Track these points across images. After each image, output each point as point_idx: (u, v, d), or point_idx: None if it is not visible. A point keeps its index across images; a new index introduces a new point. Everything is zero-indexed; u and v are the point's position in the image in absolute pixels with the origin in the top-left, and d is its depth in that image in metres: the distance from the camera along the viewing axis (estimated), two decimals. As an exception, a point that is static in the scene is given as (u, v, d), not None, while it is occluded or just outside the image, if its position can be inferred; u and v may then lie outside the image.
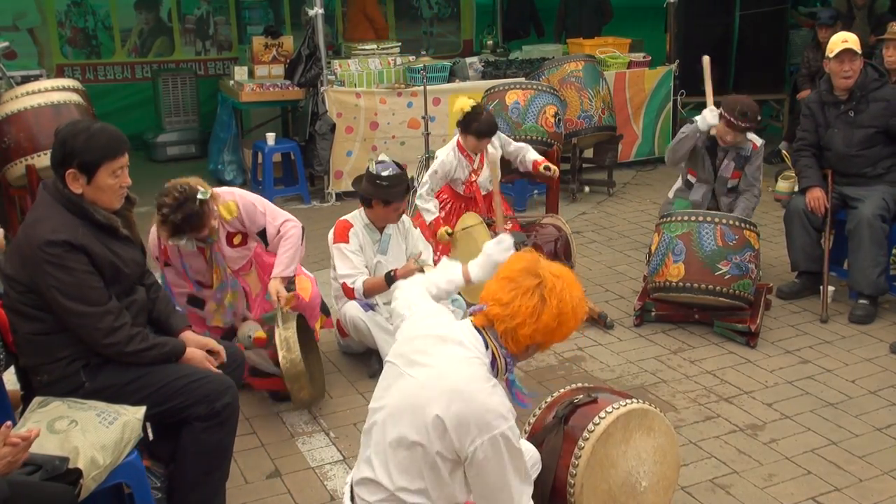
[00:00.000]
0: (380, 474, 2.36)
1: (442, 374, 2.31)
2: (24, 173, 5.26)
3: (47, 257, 2.73)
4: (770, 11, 8.90)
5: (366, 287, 4.24)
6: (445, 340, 2.39)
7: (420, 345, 2.41)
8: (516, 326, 2.32)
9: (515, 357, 2.42)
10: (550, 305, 2.31)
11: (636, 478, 2.81)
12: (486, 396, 2.26)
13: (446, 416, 2.24)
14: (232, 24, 9.43)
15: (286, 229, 3.92)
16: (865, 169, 5.05)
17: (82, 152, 2.79)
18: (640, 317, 4.91)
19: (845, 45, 4.93)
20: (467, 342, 2.37)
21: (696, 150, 5.20)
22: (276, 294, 3.83)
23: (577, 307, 2.38)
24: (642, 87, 8.15)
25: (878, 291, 4.92)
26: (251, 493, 3.41)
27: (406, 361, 2.40)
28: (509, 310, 2.32)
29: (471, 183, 5.25)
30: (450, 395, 2.25)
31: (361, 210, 4.39)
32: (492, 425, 2.23)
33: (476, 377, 2.29)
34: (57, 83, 5.56)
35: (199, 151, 8.81)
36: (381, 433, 2.38)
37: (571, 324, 2.36)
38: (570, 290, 2.37)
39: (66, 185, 2.82)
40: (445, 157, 5.20)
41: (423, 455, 2.29)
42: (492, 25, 10.12)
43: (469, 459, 2.26)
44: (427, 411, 2.26)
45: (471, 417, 2.23)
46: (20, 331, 2.88)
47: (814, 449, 3.68)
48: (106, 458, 2.61)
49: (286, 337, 3.75)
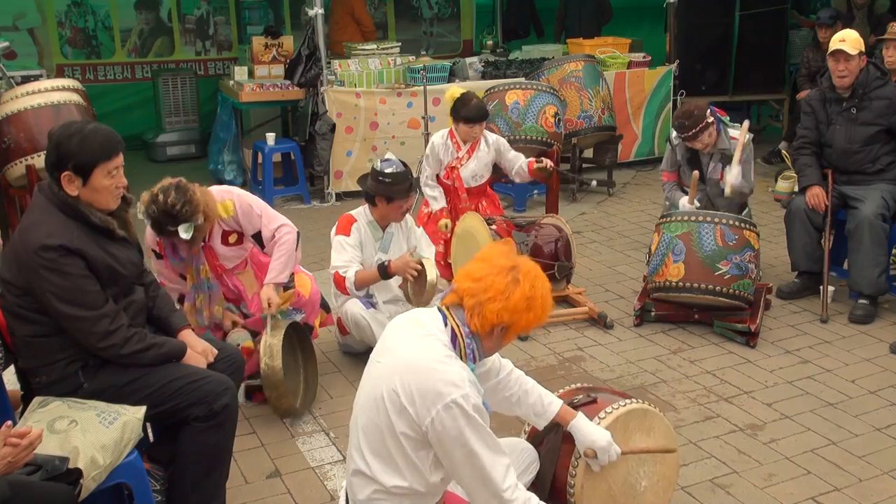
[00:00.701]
0: (358, 461, 2.46)
1: (398, 354, 2.41)
2: (24, 173, 5.26)
3: (42, 262, 2.73)
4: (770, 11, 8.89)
5: (358, 278, 4.22)
6: (407, 324, 2.50)
7: (389, 335, 2.53)
8: (485, 301, 2.36)
9: (477, 337, 2.43)
10: (523, 287, 2.37)
11: (636, 478, 2.81)
12: (436, 365, 2.32)
13: (401, 391, 2.32)
14: (232, 24, 9.44)
15: (281, 234, 3.90)
16: (865, 165, 5.06)
17: (77, 154, 2.78)
18: (640, 317, 4.91)
19: (840, 44, 4.95)
20: (425, 321, 2.46)
21: (678, 166, 5.24)
22: (266, 301, 3.82)
23: (546, 299, 2.43)
24: (642, 87, 8.15)
25: (878, 291, 4.92)
26: (251, 493, 3.41)
27: (377, 353, 2.53)
28: (481, 285, 2.38)
29: (451, 168, 5.35)
30: (402, 370, 2.34)
31: (366, 207, 4.40)
32: (443, 393, 2.28)
33: (429, 350, 2.36)
34: (57, 83, 5.56)
35: (199, 151, 8.82)
36: (355, 423, 2.50)
37: (539, 312, 2.41)
38: (542, 281, 2.44)
39: (61, 188, 2.81)
40: (435, 139, 5.41)
41: (389, 434, 2.37)
42: (492, 25, 10.13)
43: (430, 434, 2.31)
44: (385, 388, 2.36)
45: (423, 388, 2.30)
46: (18, 333, 2.88)
47: (814, 449, 3.67)
48: (106, 458, 2.61)
49: (271, 344, 3.74)
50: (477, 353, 2.45)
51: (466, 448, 2.31)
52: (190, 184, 3.69)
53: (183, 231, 3.62)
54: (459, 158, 5.33)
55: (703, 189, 5.21)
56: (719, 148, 5.08)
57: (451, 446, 2.31)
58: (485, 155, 5.38)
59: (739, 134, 5.01)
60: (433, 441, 2.33)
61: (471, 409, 2.30)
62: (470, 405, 2.29)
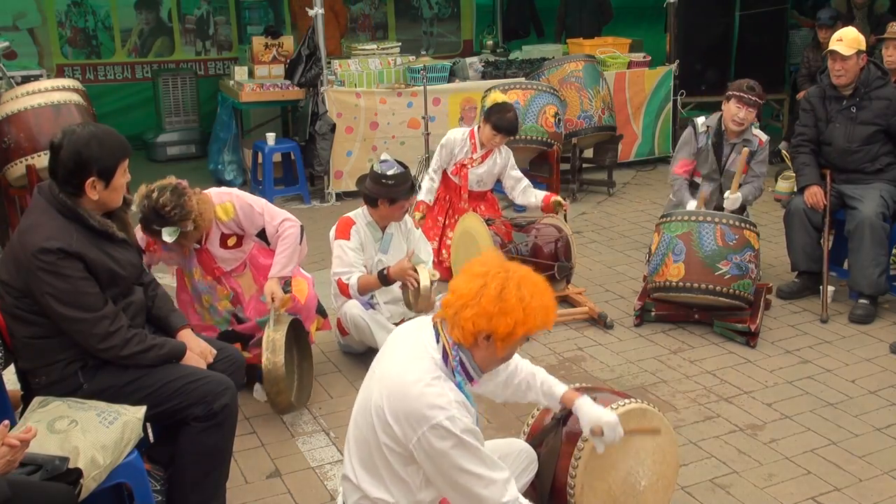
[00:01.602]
0: (348, 470, 2.49)
1: (389, 370, 2.41)
2: (24, 173, 5.26)
3: (41, 264, 2.73)
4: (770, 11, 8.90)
5: (360, 284, 4.24)
6: (406, 339, 2.49)
7: (389, 346, 2.53)
8: (459, 308, 2.35)
9: (466, 350, 2.39)
10: (489, 288, 2.32)
11: (636, 477, 2.81)
12: (421, 388, 2.29)
13: (387, 409, 2.32)
14: (232, 24, 9.43)
15: (284, 228, 3.92)
16: (864, 164, 5.06)
17: (100, 158, 2.80)
18: (640, 317, 4.91)
19: (836, 44, 4.98)
20: (421, 337, 2.45)
21: (700, 150, 5.21)
22: (270, 295, 3.83)
23: (528, 302, 2.32)
24: (642, 87, 8.15)
25: (878, 291, 4.92)
26: (251, 493, 3.41)
27: (377, 361, 2.53)
28: (456, 294, 2.38)
29: (462, 165, 5.41)
30: (389, 390, 2.34)
31: (365, 208, 4.39)
32: (427, 416, 2.26)
33: (416, 370, 2.34)
34: (57, 83, 5.56)
35: (199, 151, 8.81)
36: (348, 431, 2.52)
37: (519, 316, 2.30)
38: (523, 284, 2.34)
39: (83, 194, 2.80)
40: (455, 133, 5.46)
41: (376, 448, 2.38)
42: (492, 25, 10.12)
43: (417, 454, 2.31)
44: (373, 406, 2.36)
45: (407, 409, 2.29)
46: (17, 335, 2.88)
47: (814, 449, 3.68)
48: (106, 457, 2.61)
49: (273, 339, 3.73)
50: (470, 367, 2.41)
51: (456, 469, 2.28)
52: (189, 189, 3.67)
53: (167, 234, 3.62)
54: (473, 159, 5.37)
55: (717, 180, 5.20)
56: (744, 138, 5.10)
57: (439, 467, 2.29)
58: (495, 165, 5.45)
59: (739, 160, 5.02)
60: (421, 460, 2.32)
61: (458, 430, 2.26)
62: (458, 427, 2.26)
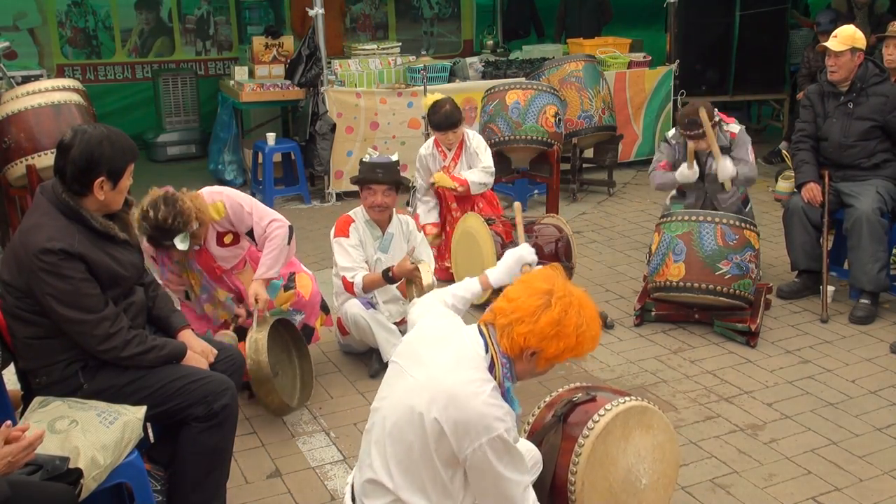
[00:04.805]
0: (381, 474, 2.38)
1: (440, 377, 2.32)
2: (25, 173, 5.26)
3: (43, 265, 2.72)
4: (770, 11, 8.89)
5: (365, 282, 4.24)
6: (447, 341, 2.41)
7: (423, 345, 2.44)
8: (513, 322, 2.32)
9: (510, 359, 2.40)
10: (552, 310, 2.30)
11: (636, 475, 2.81)
12: (482, 400, 2.26)
13: (444, 421, 2.25)
14: (232, 24, 9.43)
15: (272, 229, 3.87)
16: (860, 160, 5.07)
17: (112, 158, 2.80)
18: (641, 317, 4.91)
19: (831, 40, 5.03)
20: (469, 343, 2.39)
21: (678, 160, 5.24)
22: (254, 297, 3.81)
23: (583, 330, 2.33)
24: (642, 87, 8.15)
25: (879, 287, 4.92)
26: (251, 493, 3.41)
27: (408, 361, 2.42)
28: (513, 304, 2.34)
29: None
30: (446, 400, 2.26)
31: (363, 207, 4.40)
32: (490, 428, 2.24)
33: (472, 380, 2.30)
34: (57, 83, 5.56)
35: (199, 151, 8.82)
36: (381, 432, 2.39)
37: (571, 342, 2.32)
38: (582, 311, 2.35)
39: (89, 194, 2.81)
40: (421, 150, 5.55)
41: (420, 454, 2.31)
42: (492, 25, 10.11)
43: (467, 461, 2.28)
44: (425, 413, 2.28)
45: (468, 423, 2.24)
46: (18, 335, 2.88)
47: (814, 449, 3.68)
48: (106, 457, 2.61)
49: (256, 339, 3.69)
50: (511, 374, 2.41)
51: (499, 476, 2.29)
52: (178, 192, 3.66)
53: (179, 242, 3.62)
54: (447, 166, 5.42)
55: (701, 187, 5.21)
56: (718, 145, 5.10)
57: (486, 473, 2.29)
58: (471, 155, 5.46)
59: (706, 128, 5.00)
60: (469, 467, 2.30)
61: (511, 440, 2.29)
62: (511, 437, 2.29)
